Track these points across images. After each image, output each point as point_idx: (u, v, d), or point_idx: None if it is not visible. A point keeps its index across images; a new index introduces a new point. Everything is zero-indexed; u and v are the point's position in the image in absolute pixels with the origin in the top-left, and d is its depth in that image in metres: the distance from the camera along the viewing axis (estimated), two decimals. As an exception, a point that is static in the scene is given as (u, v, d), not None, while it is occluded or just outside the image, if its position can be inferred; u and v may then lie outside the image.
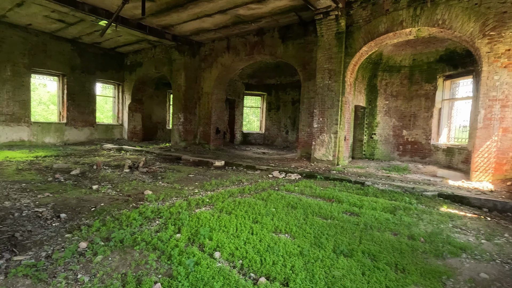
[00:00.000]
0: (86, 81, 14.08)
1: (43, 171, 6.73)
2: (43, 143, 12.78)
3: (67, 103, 13.51)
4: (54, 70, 12.95)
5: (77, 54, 13.65)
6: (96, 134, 14.73)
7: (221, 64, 12.27)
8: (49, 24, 11.30)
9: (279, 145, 16.08)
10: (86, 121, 14.25)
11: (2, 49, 11.38)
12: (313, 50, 9.62)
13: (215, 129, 13.05)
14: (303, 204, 4.45)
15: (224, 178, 6.53)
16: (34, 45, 12.22)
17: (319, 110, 8.75)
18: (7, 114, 11.67)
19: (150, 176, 6.54)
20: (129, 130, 15.57)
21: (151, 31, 11.01)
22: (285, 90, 15.82)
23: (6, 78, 11.55)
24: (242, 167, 8.40)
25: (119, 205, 4.10)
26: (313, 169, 7.87)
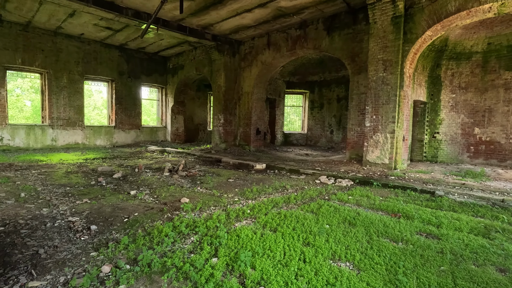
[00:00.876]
0: (132, 85, 14.63)
1: (89, 174, 6.82)
2: (95, 145, 13.52)
3: (115, 107, 14.15)
4: (104, 76, 13.64)
5: (124, 60, 14.24)
6: (141, 137, 15.25)
7: (261, 62, 11.76)
8: (99, 32, 11.86)
9: (323, 146, 15.08)
10: (132, 124, 14.82)
11: (60, 59, 12.24)
12: (363, 40, 8.60)
13: (255, 130, 12.59)
14: (362, 220, 3.67)
15: (266, 184, 5.95)
16: (87, 53, 12.96)
17: (372, 106, 7.73)
18: (64, 119, 12.53)
19: (189, 181, 6.23)
20: (172, 132, 15.87)
21: (191, 32, 10.92)
22: (329, 87, 14.77)
23: (63, 85, 12.40)
24: (285, 170, 7.75)
25: (153, 215, 3.75)
26: (367, 174, 6.91)
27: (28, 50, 11.41)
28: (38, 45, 11.63)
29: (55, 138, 12.34)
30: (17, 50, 11.18)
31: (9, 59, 11.04)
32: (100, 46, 13.35)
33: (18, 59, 11.24)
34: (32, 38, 11.48)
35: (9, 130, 11.25)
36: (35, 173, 6.64)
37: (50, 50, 11.95)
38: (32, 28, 11.42)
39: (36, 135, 11.87)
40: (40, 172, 6.72)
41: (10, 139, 11.28)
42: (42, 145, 12.00)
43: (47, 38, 11.84)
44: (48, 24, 11.13)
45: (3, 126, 11.11)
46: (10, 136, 11.27)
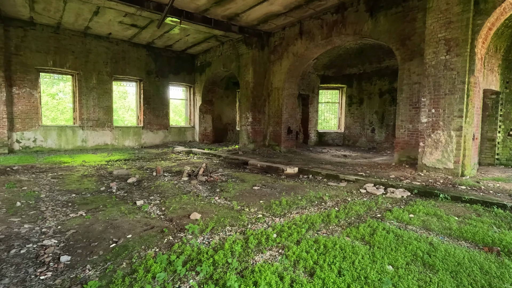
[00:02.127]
0: (160, 85, 14.33)
1: (104, 178, 6.29)
2: (123, 146, 13.39)
3: (144, 107, 13.94)
4: (132, 76, 13.46)
5: (152, 59, 13.97)
6: (169, 137, 14.92)
7: (292, 54, 10.65)
8: (125, 30, 11.60)
9: (362, 146, 13.52)
10: (160, 124, 14.53)
11: (89, 60, 12.22)
12: (416, 19, 7.13)
13: (286, 129, 11.50)
14: (443, 258, 2.47)
15: (299, 194, 4.88)
16: (115, 53, 12.85)
17: (430, 98, 6.27)
18: (93, 120, 12.51)
19: (208, 188, 5.37)
20: (200, 132, 15.35)
21: (216, 24, 10.15)
22: (370, 80, 13.18)
23: (92, 86, 12.38)
24: (320, 176, 6.59)
25: (150, 238, 2.89)
26: (426, 182, 5.51)
27: (59, 52, 11.49)
28: (68, 46, 11.68)
29: (85, 139, 12.35)
30: (49, 52, 11.29)
31: (41, 62, 11.17)
32: (128, 46, 13.18)
33: (50, 61, 11.34)
34: (63, 39, 11.54)
35: (42, 132, 11.41)
36: (50, 176, 6.24)
37: (80, 52, 11.96)
38: (62, 30, 11.48)
39: (67, 136, 11.95)
40: (56, 176, 6.32)
41: (43, 140, 11.43)
42: (73, 146, 12.06)
43: (77, 39, 11.85)
44: (77, 25, 11.07)
45: (36, 128, 11.28)
46: (42, 138, 11.42)
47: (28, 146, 11.12)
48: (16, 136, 10.90)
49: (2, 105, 10.37)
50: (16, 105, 10.84)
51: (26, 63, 10.88)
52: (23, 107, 10.98)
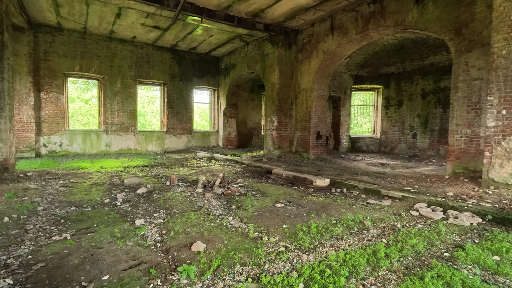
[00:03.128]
0: (184, 88, 14.01)
1: (114, 187, 5.78)
2: (146, 151, 13.16)
3: (167, 111, 13.66)
4: (156, 79, 13.25)
5: (176, 62, 13.69)
6: (193, 142, 14.51)
7: (323, 52, 9.68)
8: (148, 33, 11.37)
9: (402, 154, 12.07)
10: (184, 128, 14.17)
11: (114, 64, 12.17)
12: (475, 2, 5.90)
13: (315, 134, 10.48)
14: None
15: (332, 215, 3.94)
16: (139, 57, 12.71)
17: (500, 96, 5.01)
18: (117, 124, 12.41)
19: (223, 203, 4.60)
20: (223, 137, 14.78)
21: (239, 22, 9.49)
22: (411, 79, 11.77)
23: (117, 91, 12.30)
24: (357, 190, 5.56)
25: (130, 283, 2.15)
26: (499, 203, 4.28)
27: (85, 57, 11.53)
28: (94, 51, 11.69)
29: (109, 143, 12.26)
30: (76, 57, 11.36)
31: (68, 66, 11.25)
32: (152, 49, 13.00)
33: (76, 66, 11.40)
34: (89, 44, 11.57)
35: (68, 136, 11.45)
36: (59, 184, 5.86)
37: (105, 56, 11.94)
38: (88, 35, 11.51)
39: (91, 141, 11.92)
40: (66, 184, 5.92)
41: (69, 144, 11.47)
42: (97, 151, 12.01)
43: (103, 44, 11.84)
44: (102, 29, 11.02)
45: (62, 132, 11.34)
46: (68, 142, 11.46)
47: (54, 150, 11.20)
48: (43, 140, 11.00)
49: (30, 110, 10.51)
50: (44, 110, 10.96)
51: (53, 68, 11.00)
52: (50, 112, 11.08)
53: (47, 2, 8.74)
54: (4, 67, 6.42)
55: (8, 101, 6.61)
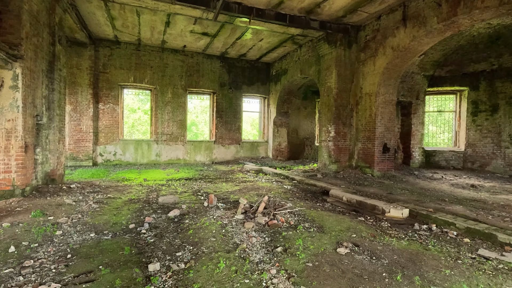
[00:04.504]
0: (233, 97, 13.50)
1: (147, 205, 5.17)
2: (195, 161, 12.86)
3: (216, 120, 13.26)
4: (205, 88, 12.99)
5: (226, 70, 13.28)
6: (241, 152, 13.83)
7: (391, 49, 8.08)
8: (197, 41, 11.11)
9: (498, 172, 9.52)
10: (232, 138, 13.60)
11: (166, 74, 12.23)
12: None
13: (381, 146, 8.80)
14: None
15: (432, 281, 2.55)
16: (190, 66, 12.60)
17: None
18: (167, 134, 12.37)
19: (265, 240, 3.53)
20: (273, 148, 13.79)
21: (292, 21, 8.49)
22: (509, 78, 9.27)
23: (167, 100, 12.31)
24: (454, 229, 3.96)
25: None
26: None
27: (139, 68, 11.77)
28: (147, 62, 11.89)
29: (159, 153, 12.25)
30: (130, 68, 11.66)
31: (124, 78, 11.59)
32: (202, 58, 12.79)
33: (131, 77, 11.69)
34: (143, 56, 11.81)
35: (121, 146, 11.72)
36: (95, 200, 5.48)
37: (158, 66, 12.06)
38: (143, 47, 11.76)
39: (143, 150, 12.03)
40: (101, 199, 5.53)
41: (122, 154, 11.72)
42: (147, 160, 12.07)
43: (155, 54, 11.99)
44: (154, 40, 11.11)
45: (117, 142, 11.64)
46: (122, 151, 11.72)
47: (109, 159, 11.53)
48: (100, 150, 11.40)
49: (89, 120, 10.98)
50: (101, 120, 11.39)
51: (111, 80, 11.41)
52: (107, 122, 11.48)
53: (103, 16, 8.96)
54: (55, 78, 6.45)
55: (58, 112, 6.62)
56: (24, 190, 5.22)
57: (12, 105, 5.00)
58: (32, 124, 5.57)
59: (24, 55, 5.10)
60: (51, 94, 6.36)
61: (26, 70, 5.20)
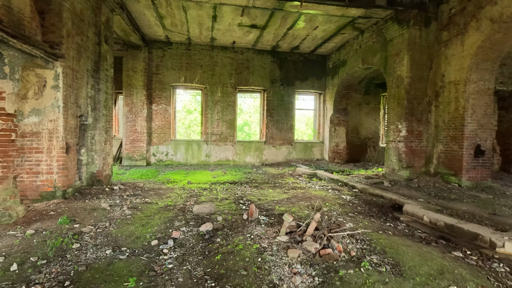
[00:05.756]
0: (285, 94, 12.54)
1: (180, 215, 4.58)
2: (244, 162, 12.28)
3: (266, 119, 12.47)
4: (256, 86, 12.30)
5: (277, 65, 12.40)
6: (294, 154, 12.77)
7: (490, 20, 6.17)
8: (246, 35, 10.46)
9: None
10: (284, 138, 12.64)
11: (215, 72, 11.91)
12: None
13: (472, 148, 6.87)
14: None
15: None
16: (239, 63, 12.06)
17: None
18: (216, 134, 12.04)
19: (315, 283, 2.51)
20: (330, 149, 12.40)
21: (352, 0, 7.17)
22: None
23: (217, 100, 11.97)
24: None
25: None
26: None
27: (189, 68, 11.67)
28: (197, 61, 11.71)
29: (209, 154, 11.99)
30: (181, 68, 11.62)
31: (175, 78, 11.60)
32: (252, 53, 12.14)
33: (182, 77, 11.64)
34: (193, 55, 11.67)
35: (173, 146, 11.77)
36: (129, 205, 5.13)
37: (207, 65, 11.80)
38: (193, 46, 11.62)
39: (193, 151, 11.91)
40: (136, 205, 5.15)
41: (173, 154, 11.76)
42: (197, 161, 11.91)
43: (205, 53, 11.75)
44: (203, 37, 10.83)
45: (168, 142, 11.72)
46: (173, 152, 11.76)
47: (161, 159, 11.67)
48: (153, 150, 11.61)
49: (143, 121, 11.23)
50: (154, 121, 11.58)
51: (163, 81, 11.52)
52: (159, 123, 11.63)
53: (152, 16, 8.90)
54: (101, 78, 6.40)
55: (104, 112, 6.58)
56: (66, 192, 5.12)
57: (53, 105, 4.92)
58: (75, 124, 5.49)
59: (65, 54, 4.98)
60: (97, 94, 6.31)
61: (67, 69, 5.10)
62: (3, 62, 3.78)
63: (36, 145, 4.90)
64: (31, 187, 4.90)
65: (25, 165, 4.87)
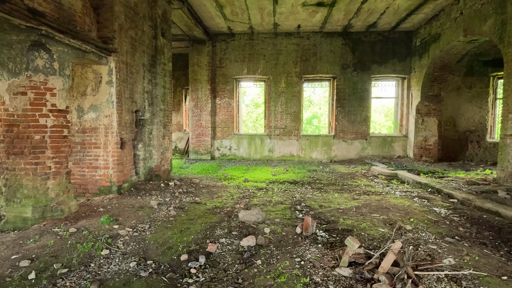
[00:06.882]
0: (358, 81, 10.91)
1: (225, 220, 4.01)
2: (310, 158, 11.24)
3: (336, 111, 11.10)
4: (323, 73, 11.03)
5: (349, 48, 10.85)
6: (368, 149, 11.09)
7: None
8: (312, 16, 9.31)
9: None
10: (356, 132, 11.07)
11: (279, 61, 11.12)
12: None
13: None
14: None
15: None
16: (305, 49, 10.97)
17: None
18: (280, 128, 11.29)
19: None
20: (415, 144, 10.30)
21: None
22: None
23: (280, 91, 11.19)
24: None
25: None
26: None
27: (252, 59, 11.16)
28: (260, 51, 11.11)
29: (272, 148, 11.36)
30: (244, 60, 11.20)
31: (238, 71, 11.26)
32: (320, 37, 10.88)
33: (245, 69, 11.23)
34: (256, 45, 11.11)
35: (236, 140, 11.53)
36: (176, 205, 4.83)
37: (271, 54, 11.09)
38: (256, 35, 11.05)
39: (256, 145, 11.45)
40: (184, 205, 4.83)
41: (236, 148, 11.53)
42: (260, 156, 11.41)
43: (268, 41, 11.05)
44: (265, 24, 10.13)
45: (232, 136, 11.53)
46: (236, 146, 11.53)
47: (224, 154, 11.57)
48: (217, 144, 11.60)
49: (208, 115, 11.28)
50: (218, 115, 11.53)
51: (226, 74, 11.32)
52: (223, 117, 11.52)
53: (212, 6, 8.62)
54: (157, 72, 6.33)
55: (162, 107, 6.52)
56: (121, 187, 5.14)
57: (108, 101, 4.93)
58: (131, 119, 5.48)
59: (117, 49, 4.92)
60: (154, 89, 6.26)
61: (120, 64, 5.05)
62: (52, 58, 3.77)
63: (95, 141, 5.00)
64: (91, 181, 5.05)
65: (86, 160, 5.03)
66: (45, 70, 3.73)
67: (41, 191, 3.79)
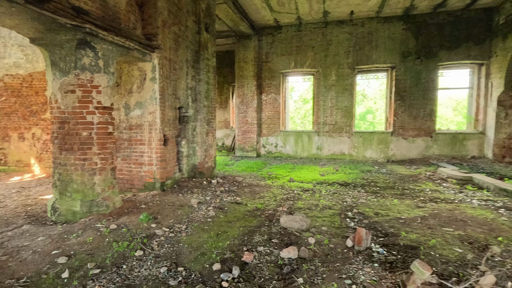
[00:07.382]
0: (423, 69, 9.57)
1: (266, 224, 3.67)
2: (363, 157, 10.26)
3: (395, 105, 9.91)
4: (380, 63, 9.94)
5: (411, 33, 9.57)
6: (434, 148, 9.68)
7: None
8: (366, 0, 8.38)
9: None
10: (419, 128, 9.75)
11: (329, 53, 10.35)
12: None
13: None
14: None
15: None
16: (359, 38, 10.00)
17: None
18: (329, 124, 10.53)
19: None
20: (496, 143, 8.65)
21: None
22: None
23: (330, 84, 10.42)
24: None
25: None
26: None
27: (300, 51, 10.58)
28: (308, 42, 10.47)
29: (320, 146, 10.66)
30: (291, 53, 10.69)
31: (285, 65, 10.80)
32: (376, 23, 9.81)
33: (292, 63, 10.72)
34: (304, 36, 10.50)
35: (282, 137, 11.11)
36: (220, 203, 4.64)
37: (320, 45, 10.37)
38: (304, 26, 10.44)
39: (303, 143, 10.88)
40: (224, 204, 4.61)
41: (282, 146, 11.12)
42: (307, 154, 10.81)
43: (317, 32, 10.35)
44: (314, 13, 9.48)
45: (278, 133, 11.14)
46: (282, 143, 11.12)
47: (270, 151, 11.25)
48: (262, 141, 11.33)
49: (254, 112, 11.07)
50: (264, 111, 11.23)
51: (272, 68, 10.95)
52: (269, 113, 11.19)
53: (257, -2, 8.30)
54: (201, 68, 6.24)
55: (205, 103, 6.43)
56: (164, 184, 5.15)
57: (152, 98, 4.94)
58: (174, 116, 5.46)
59: (160, 45, 4.90)
60: (197, 85, 6.19)
61: (163, 60, 5.02)
62: (96, 56, 3.83)
63: (140, 137, 5.08)
64: (137, 177, 5.15)
65: (133, 156, 5.14)
66: (91, 68, 3.80)
67: (88, 186, 3.89)
